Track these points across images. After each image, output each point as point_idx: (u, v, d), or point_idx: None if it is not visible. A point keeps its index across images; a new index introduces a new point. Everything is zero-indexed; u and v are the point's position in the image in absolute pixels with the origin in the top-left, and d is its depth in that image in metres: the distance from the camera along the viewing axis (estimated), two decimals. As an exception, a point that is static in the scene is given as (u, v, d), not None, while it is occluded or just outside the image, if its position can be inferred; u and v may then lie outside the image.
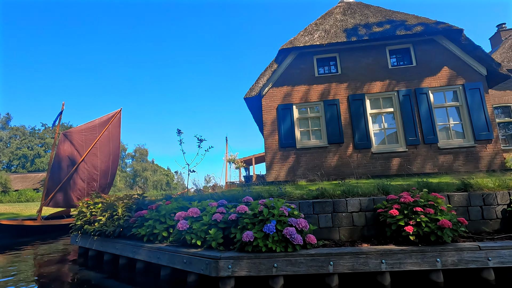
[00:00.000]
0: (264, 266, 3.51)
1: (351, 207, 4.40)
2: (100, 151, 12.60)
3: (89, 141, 12.30)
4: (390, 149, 9.82)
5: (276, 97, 10.84)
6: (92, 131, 12.33)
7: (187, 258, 3.93)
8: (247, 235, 3.62)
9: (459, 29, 9.75)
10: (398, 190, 4.63)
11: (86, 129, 12.25)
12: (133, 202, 5.78)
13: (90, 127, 12.32)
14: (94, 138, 12.39)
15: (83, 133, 12.15)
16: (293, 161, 10.28)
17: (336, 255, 3.49)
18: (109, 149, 12.89)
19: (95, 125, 12.41)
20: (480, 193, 4.39)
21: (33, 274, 5.27)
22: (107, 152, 12.86)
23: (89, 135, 12.29)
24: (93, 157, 12.43)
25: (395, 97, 10.17)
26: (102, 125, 12.59)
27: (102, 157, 12.70)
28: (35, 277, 5.06)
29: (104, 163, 12.87)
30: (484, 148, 9.35)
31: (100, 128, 12.50)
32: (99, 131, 12.45)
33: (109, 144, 12.82)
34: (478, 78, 9.77)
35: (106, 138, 12.65)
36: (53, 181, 11.60)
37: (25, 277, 5.04)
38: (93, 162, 12.46)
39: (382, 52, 10.54)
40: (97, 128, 12.44)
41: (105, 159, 12.90)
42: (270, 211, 3.85)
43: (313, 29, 11.28)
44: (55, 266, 5.81)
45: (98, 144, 12.46)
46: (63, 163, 11.81)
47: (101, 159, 12.65)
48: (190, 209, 4.33)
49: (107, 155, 12.93)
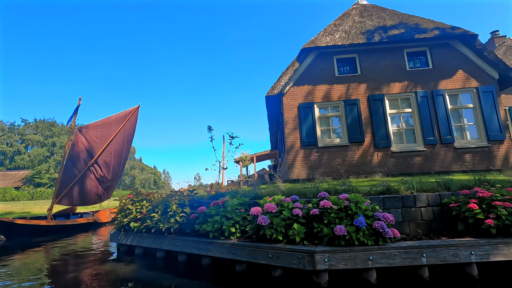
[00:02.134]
0: (360, 259, 3.60)
1: (419, 202, 4.58)
2: (114, 149, 12.28)
3: (104, 138, 11.95)
4: (409, 149, 10.17)
5: (297, 95, 10.95)
6: (108, 127, 11.98)
7: (273, 252, 3.95)
8: (340, 229, 3.70)
9: (474, 34, 10.23)
10: (458, 186, 4.85)
11: (102, 125, 11.89)
12: (187, 199, 5.69)
13: (107, 123, 11.96)
14: (110, 135, 12.04)
15: (98, 129, 11.78)
16: (314, 159, 10.43)
17: (427, 247, 3.64)
18: (123, 147, 12.58)
19: (111, 121, 12.06)
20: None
21: (93, 274, 5.10)
22: (121, 150, 12.54)
23: (105, 131, 11.95)
24: (107, 155, 12.08)
25: (413, 98, 10.53)
26: (118, 121, 12.25)
27: (116, 156, 12.38)
28: (100, 277, 4.90)
29: (117, 162, 12.54)
30: (497, 148, 9.87)
31: (116, 125, 12.16)
32: (115, 128, 12.11)
33: (124, 142, 12.52)
34: (491, 81, 10.30)
35: (121, 136, 12.35)
36: (66, 179, 11.16)
37: (88, 278, 4.88)
38: (107, 160, 12.11)
39: (400, 54, 10.88)
40: (113, 124, 12.10)
41: (118, 158, 12.57)
42: (357, 206, 3.94)
43: (333, 30, 11.46)
44: (109, 265, 5.64)
45: (113, 142, 12.13)
46: (77, 160, 11.41)
47: (114, 158, 12.32)
48: (267, 204, 4.35)
49: (120, 154, 12.60)
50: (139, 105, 12.96)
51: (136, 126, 13.05)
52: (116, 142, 12.31)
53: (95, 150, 11.85)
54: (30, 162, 47.69)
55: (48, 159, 46.29)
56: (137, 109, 12.94)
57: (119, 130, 12.25)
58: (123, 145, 12.59)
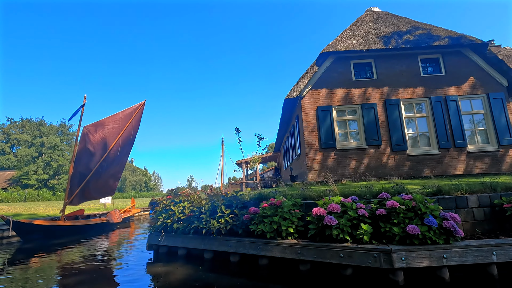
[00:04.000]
0: (435, 257, 3.72)
1: (471, 203, 4.77)
2: (122, 146, 12.09)
3: (112, 136, 11.73)
4: (424, 152, 10.49)
5: (315, 98, 11.11)
6: (116, 124, 11.77)
7: (345, 252, 4.03)
8: (414, 229, 3.82)
9: (485, 43, 10.71)
10: (502, 188, 5.08)
11: (110, 122, 11.66)
12: (235, 200, 5.69)
13: (115, 120, 11.75)
14: (118, 132, 11.84)
15: (106, 126, 11.56)
16: (333, 161, 10.59)
17: (495, 246, 3.81)
18: (129, 144, 12.43)
19: (119, 118, 11.85)
20: None
21: (144, 276, 5.01)
22: (128, 147, 12.39)
23: (112, 128, 11.72)
24: (115, 152, 11.88)
25: (427, 103, 10.89)
26: (125, 118, 12.05)
27: (123, 153, 12.21)
28: (156, 280, 4.82)
29: (123, 158, 12.38)
30: (507, 152, 10.33)
31: (123, 121, 11.96)
32: (122, 125, 11.92)
33: (129, 139, 12.35)
34: (500, 88, 10.79)
35: (128, 132, 12.17)
36: (78, 178, 10.89)
37: (144, 280, 4.80)
38: (115, 157, 11.92)
39: (415, 60, 11.24)
40: (121, 121, 11.90)
41: (124, 156, 12.41)
42: (426, 206, 4.08)
43: (349, 35, 11.73)
44: (157, 266, 5.55)
45: (120, 139, 11.93)
46: (87, 159, 11.13)
47: (121, 153, 12.15)
48: (331, 205, 4.42)
49: (126, 150, 12.45)
50: (145, 100, 12.81)
51: (140, 121, 12.94)
52: (124, 139, 12.14)
53: (104, 148, 11.64)
54: (17, 163, 45.90)
55: (36, 159, 44.68)
56: (143, 105, 12.79)
57: (127, 126, 12.08)
58: (129, 141, 12.46)
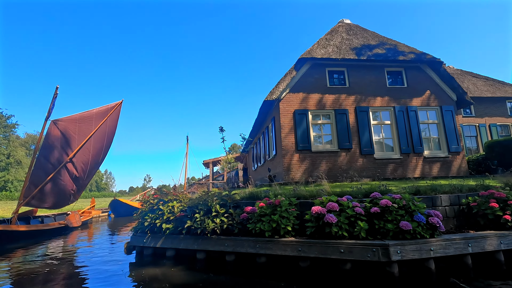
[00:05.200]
0: (424, 250, 4.17)
1: (444, 202, 5.41)
2: (93, 146, 11.22)
3: (83, 134, 10.83)
4: (388, 156, 11.49)
5: (293, 102, 11.49)
6: (88, 122, 10.88)
7: (345, 247, 4.29)
8: (406, 225, 4.22)
9: (440, 61, 12.11)
10: (466, 189, 5.85)
11: (81, 119, 10.73)
12: (230, 200, 5.66)
13: (86, 117, 10.84)
14: (89, 131, 10.96)
15: (77, 124, 10.62)
16: (308, 163, 11.05)
17: (470, 239, 4.39)
18: (102, 145, 11.55)
19: (92, 115, 10.97)
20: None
21: (139, 281, 4.74)
22: (100, 148, 11.49)
23: (84, 126, 10.82)
24: (85, 152, 10.98)
25: (392, 112, 11.94)
26: (99, 116, 11.20)
27: (94, 153, 11.31)
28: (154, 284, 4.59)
29: (94, 160, 11.45)
30: (455, 158, 11.79)
31: (97, 120, 11.11)
32: (95, 124, 11.06)
33: (104, 139, 11.50)
34: (451, 102, 12.27)
35: (102, 132, 11.33)
36: (38, 177, 9.79)
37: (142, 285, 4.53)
38: (85, 158, 11.00)
39: (382, 72, 12.26)
40: (94, 119, 11.04)
41: (96, 156, 11.50)
42: (415, 204, 4.53)
43: (325, 44, 12.36)
44: (149, 270, 5.27)
45: (92, 138, 11.07)
46: (51, 157, 10.09)
47: (92, 156, 11.24)
48: (330, 203, 4.67)
49: (99, 152, 11.54)
50: (123, 100, 12.05)
51: (117, 122, 12.12)
52: (96, 139, 11.25)
53: (73, 146, 10.65)
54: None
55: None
56: (120, 105, 12.01)
57: (99, 126, 11.24)
58: (102, 142, 11.55)
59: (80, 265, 6.07)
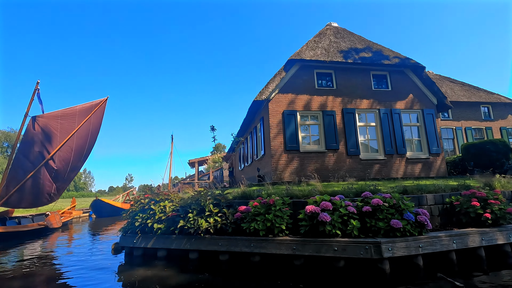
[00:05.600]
0: (413, 246, 4.35)
1: (429, 201, 5.66)
2: (76, 144, 10.84)
3: (65, 131, 10.44)
4: (373, 157, 11.84)
5: (282, 102, 11.60)
6: (70, 119, 10.50)
7: (339, 245, 4.40)
8: (397, 223, 4.39)
9: (423, 66, 12.62)
10: (449, 188, 6.14)
11: (63, 116, 10.34)
12: (223, 199, 5.64)
13: (69, 114, 10.46)
14: (72, 128, 10.58)
15: (59, 120, 10.22)
16: (297, 163, 11.20)
17: (455, 236, 4.62)
18: (85, 142, 11.18)
19: (75, 112, 10.60)
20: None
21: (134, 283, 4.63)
22: (83, 146, 11.11)
23: (67, 123, 10.43)
24: (67, 150, 10.59)
25: (377, 114, 12.32)
26: (83, 113, 10.83)
27: (76, 152, 10.93)
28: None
29: (77, 159, 11.06)
30: (435, 160, 12.32)
31: (80, 117, 10.74)
32: (78, 121, 10.70)
33: (87, 137, 11.13)
34: (432, 105, 12.82)
35: (85, 130, 10.96)
36: (16, 175, 9.34)
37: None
38: (66, 156, 10.61)
39: (368, 75, 12.61)
40: (77, 116, 10.66)
41: (79, 154, 11.11)
42: (404, 203, 4.71)
43: (314, 46, 12.56)
44: (142, 271, 5.16)
45: (75, 136, 10.70)
46: (30, 154, 9.67)
47: (74, 154, 10.85)
48: (323, 202, 4.77)
49: (82, 150, 11.17)
50: (108, 97, 11.70)
51: (102, 120, 11.78)
52: (79, 137, 10.88)
53: (54, 144, 10.25)
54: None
55: None
56: (105, 102, 11.66)
57: (83, 123, 10.87)
58: (86, 140, 11.18)
59: (65, 267, 5.86)
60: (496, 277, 4.18)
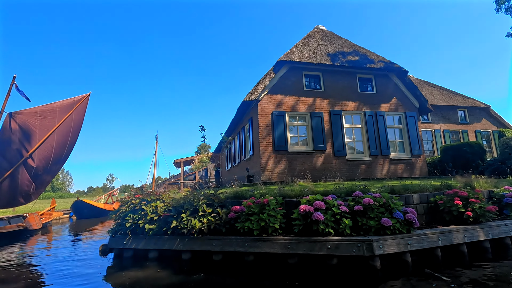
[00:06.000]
0: (402, 244, 4.53)
1: (415, 200, 5.90)
2: (56, 141, 10.44)
3: (45, 128, 10.04)
4: (359, 158, 12.16)
5: (271, 103, 11.70)
6: (50, 115, 10.10)
7: (332, 244, 4.51)
8: (387, 222, 4.56)
9: (406, 71, 13.09)
10: (433, 188, 6.44)
11: (43, 112, 9.93)
12: (216, 199, 5.63)
13: (49, 110, 10.06)
14: (52, 125, 10.19)
15: (38, 117, 9.82)
16: (285, 164, 11.32)
17: (440, 233, 4.85)
18: (66, 140, 10.79)
19: (55, 108, 10.21)
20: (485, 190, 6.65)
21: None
22: (64, 143, 10.72)
23: (46, 120, 10.03)
24: (47, 148, 10.19)
25: (362, 116, 12.66)
26: (64, 110, 10.44)
27: (58, 149, 10.53)
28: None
29: (58, 157, 10.67)
30: (417, 161, 12.82)
31: (61, 113, 10.35)
32: (59, 117, 10.31)
33: (69, 134, 10.75)
34: (414, 109, 13.32)
35: (67, 126, 10.58)
36: (-6, 175, 8.89)
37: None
38: (47, 154, 10.20)
39: (354, 78, 12.94)
40: (58, 113, 10.28)
41: (59, 152, 10.71)
42: (394, 202, 4.90)
43: (303, 48, 12.75)
44: (133, 272, 5.05)
45: (56, 133, 10.31)
46: (7, 152, 9.23)
47: (55, 152, 10.46)
48: (316, 202, 4.87)
49: (63, 148, 10.77)
50: (90, 93, 11.37)
51: (84, 117, 11.41)
52: (60, 134, 10.49)
53: (33, 142, 9.84)
54: None
55: None
56: (87, 98, 11.32)
57: (64, 120, 10.50)
58: (67, 137, 10.79)
59: (51, 270, 5.65)
60: (478, 271, 4.43)
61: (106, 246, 6.16)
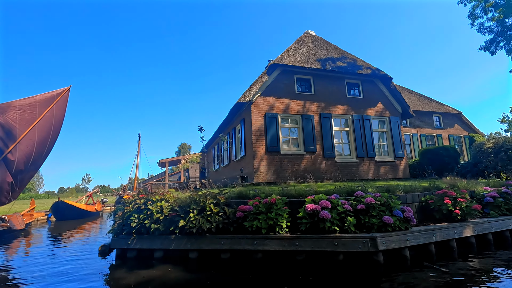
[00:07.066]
0: (402, 240, 4.87)
1: (408, 199, 6.33)
2: (38, 136, 10.07)
3: (25, 122, 9.66)
4: (347, 160, 12.66)
5: (264, 105, 11.91)
6: (30, 109, 9.73)
7: (338, 240, 4.77)
8: (388, 219, 4.89)
9: (390, 77, 13.80)
10: (422, 189, 6.92)
11: (22, 106, 9.53)
12: (223, 199, 5.72)
13: (29, 104, 9.67)
14: (33, 119, 9.83)
15: (17, 111, 9.44)
16: (277, 165, 11.57)
17: (434, 230, 5.27)
18: (48, 135, 10.42)
19: (35, 102, 9.84)
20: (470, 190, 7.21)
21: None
22: (45, 138, 10.34)
23: (26, 114, 9.65)
24: (28, 143, 9.80)
25: (350, 119, 13.20)
26: (44, 103, 10.08)
27: (39, 145, 10.16)
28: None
29: (39, 153, 10.28)
30: (400, 163, 13.54)
31: (41, 107, 10.01)
32: (39, 111, 9.96)
33: (50, 128, 10.41)
34: (397, 113, 14.06)
35: (48, 121, 10.23)
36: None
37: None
38: (28, 150, 9.81)
39: (342, 83, 13.46)
40: (38, 106, 9.93)
41: (41, 147, 10.32)
42: (394, 201, 5.24)
43: (295, 52, 13.09)
44: (142, 273, 5.02)
45: (36, 128, 9.95)
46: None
47: (37, 147, 10.07)
48: (322, 201, 5.12)
49: (44, 143, 10.39)
50: (71, 86, 11.00)
51: (65, 111, 11.08)
52: (41, 129, 10.12)
53: (13, 137, 9.44)
54: None
55: None
56: (68, 91, 10.96)
57: (44, 114, 10.16)
58: (49, 132, 10.44)
59: (51, 271, 5.48)
60: (466, 263, 4.87)
61: (106, 246, 6.05)
